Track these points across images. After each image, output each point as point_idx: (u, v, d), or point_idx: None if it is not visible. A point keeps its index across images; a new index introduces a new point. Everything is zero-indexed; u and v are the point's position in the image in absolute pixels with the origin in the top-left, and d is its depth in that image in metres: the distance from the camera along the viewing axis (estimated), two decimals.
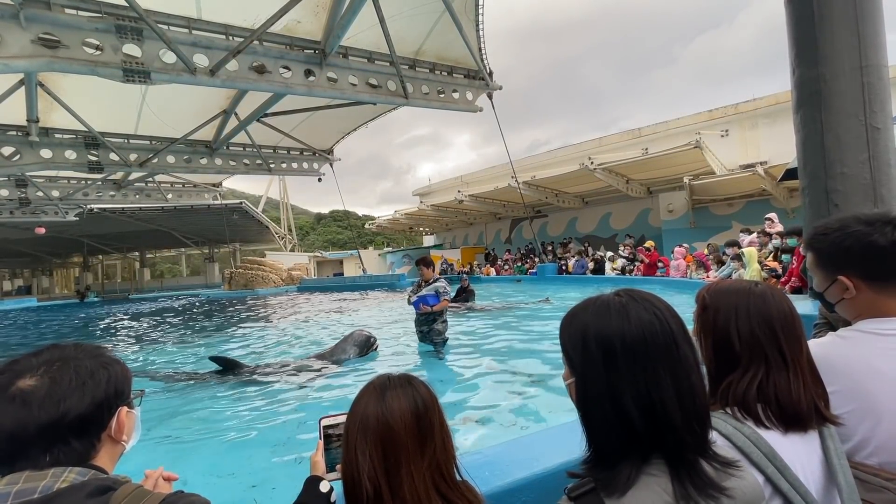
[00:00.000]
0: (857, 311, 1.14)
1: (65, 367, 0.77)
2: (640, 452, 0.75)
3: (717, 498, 0.71)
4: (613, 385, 0.76)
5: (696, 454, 0.75)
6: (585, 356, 0.79)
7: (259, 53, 6.27)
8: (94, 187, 13.67)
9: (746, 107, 16.85)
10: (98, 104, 8.39)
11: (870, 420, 1.02)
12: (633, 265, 13.65)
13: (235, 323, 11.51)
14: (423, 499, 0.84)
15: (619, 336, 0.76)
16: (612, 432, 0.76)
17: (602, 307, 0.81)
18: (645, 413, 0.74)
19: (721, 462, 0.77)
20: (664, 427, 0.73)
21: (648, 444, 0.74)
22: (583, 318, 0.82)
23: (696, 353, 0.79)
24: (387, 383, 0.94)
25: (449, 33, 7.36)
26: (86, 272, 36.92)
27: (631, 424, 0.74)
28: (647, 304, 0.79)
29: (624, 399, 0.74)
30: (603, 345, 0.77)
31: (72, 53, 5.15)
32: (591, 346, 0.78)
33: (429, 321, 5.58)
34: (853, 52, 1.75)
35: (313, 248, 52.96)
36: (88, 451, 0.77)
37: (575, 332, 0.82)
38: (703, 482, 0.72)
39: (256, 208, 28.00)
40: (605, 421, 0.77)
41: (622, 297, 0.82)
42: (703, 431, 0.77)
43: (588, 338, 0.79)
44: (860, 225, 1.10)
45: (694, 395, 0.76)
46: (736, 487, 0.74)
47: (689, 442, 0.74)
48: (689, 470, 0.73)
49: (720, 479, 0.74)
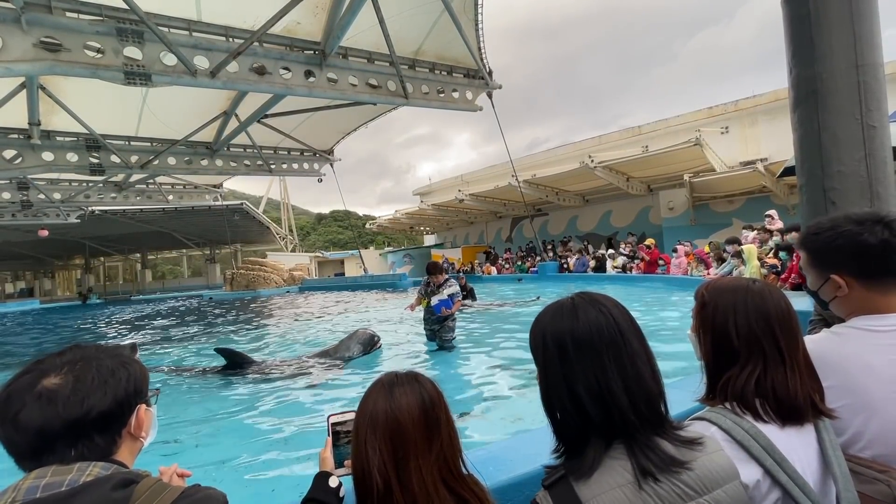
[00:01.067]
0: (850, 308, 1.16)
1: (87, 366, 0.80)
2: (602, 438, 0.82)
3: (676, 472, 0.77)
4: (568, 378, 0.84)
5: (650, 433, 0.82)
6: (545, 354, 0.89)
7: (259, 55, 6.29)
8: (96, 189, 13.71)
9: (746, 104, 16.83)
10: (99, 106, 8.41)
11: (863, 414, 1.05)
12: (633, 263, 13.66)
13: (239, 323, 11.55)
14: (431, 491, 0.87)
15: (570, 333, 0.86)
16: (572, 421, 0.84)
17: (557, 310, 0.91)
18: (595, 400, 0.82)
19: (683, 440, 0.83)
20: (613, 410, 0.81)
21: (606, 429, 0.82)
22: (542, 321, 0.92)
23: (645, 343, 0.88)
24: (395, 380, 0.97)
25: (448, 33, 7.38)
26: (88, 274, 36.98)
27: (586, 412, 0.82)
28: (595, 304, 0.89)
29: (577, 389, 0.83)
30: (557, 342, 0.86)
31: (73, 56, 5.17)
32: (548, 345, 0.88)
33: (440, 320, 5.79)
34: (849, 51, 1.77)
35: (314, 248, 53.00)
36: (110, 446, 0.80)
37: (536, 334, 0.92)
38: (660, 458, 0.78)
39: (257, 209, 28.04)
40: (565, 411, 0.85)
41: (574, 300, 0.91)
42: (652, 412, 0.84)
43: (546, 338, 0.89)
44: (851, 224, 1.12)
45: (640, 379, 0.84)
46: (697, 461, 0.80)
47: (636, 422, 0.81)
48: (644, 448, 0.79)
49: (681, 454, 0.80)
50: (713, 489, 0.80)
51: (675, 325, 6.56)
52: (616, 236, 18.06)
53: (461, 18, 7.12)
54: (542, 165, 20.94)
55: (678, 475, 0.77)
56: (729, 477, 0.83)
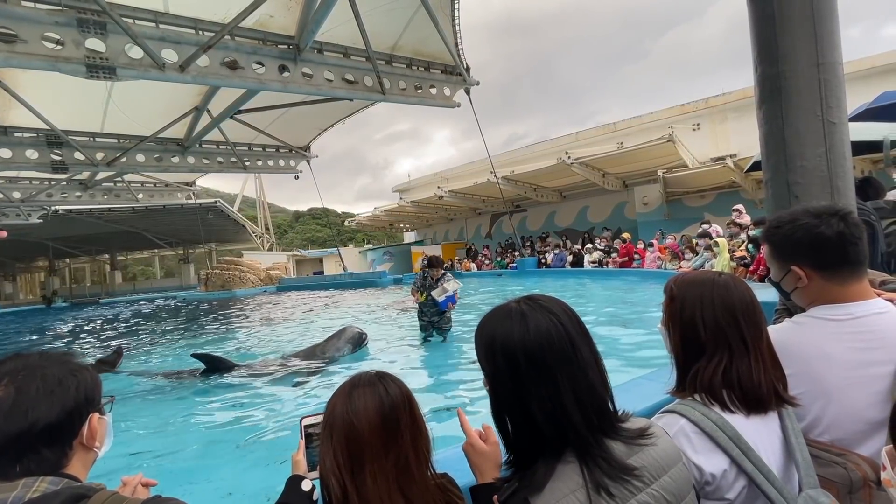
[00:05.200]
0: (810, 298, 1.19)
1: (31, 375, 0.76)
2: (554, 451, 0.80)
3: (626, 480, 0.76)
4: (519, 394, 0.81)
5: (601, 438, 0.80)
6: (494, 367, 0.85)
7: (231, 49, 6.10)
8: (59, 188, 13.09)
9: (716, 101, 17.31)
10: (60, 100, 8.02)
11: (821, 400, 1.08)
12: (609, 257, 13.94)
13: (215, 324, 11.27)
14: (384, 499, 0.84)
15: (521, 347, 0.81)
16: (525, 437, 0.82)
17: (504, 316, 0.86)
18: (548, 418, 0.79)
19: (631, 435, 0.82)
20: (567, 427, 0.78)
21: (559, 443, 0.79)
22: (489, 328, 0.87)
23: (594, 349, 0.86)
24: (356, 382, 0.94)
25: (425, 28, 7.31)
26: (52, 276, 35.37)
27: (538, 429, 0.79)
28: (545, 312, 0.84)
29: (531, 407, 0.80)
30: (508, 357, 0.82)
31: (30, 48, 4.91)
32: (498, 359, 0.83)
33: (439, 312, 6.14)
34: (810, 50, 1.83)
35: (292, 246, 52.12)
36: (60, 459, 0.76)
37: (484, 342, 0.87)
38: (612, 467, 0.77)
39: (232, 207, 27.33)
40: (517, 426, 0.83)
41: (522, 306, 0.86)
42: (603, 419, 0.82)
43: (496, 349, 0.84)
44: (809, 217, 1.15)
45: (591, 390, 0.81)
46: (645, 464, 0.80)
47: (588, 435, 0.79)
48: (596, 459, 0.77)
49: (630, 454, 0.80)
50: (660, 476, 0.81)
51: (649, 316, 6.72)
52: (593, 231, 18.35)
53: (438, 14, 7.07)
54: (521, 162, 21.08)
55: (627, 483, 0.77)
56: (673, 461, 0.84)
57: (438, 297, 5.85)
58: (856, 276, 1.14)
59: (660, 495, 0.79)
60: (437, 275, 6.05)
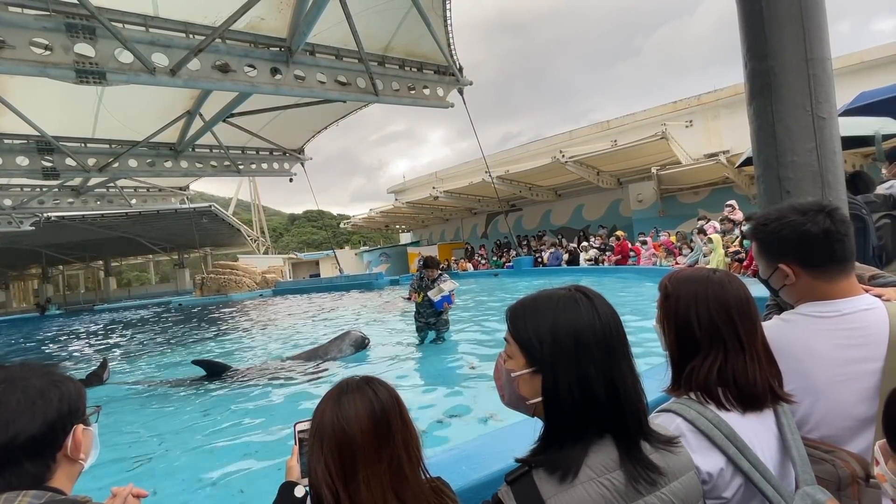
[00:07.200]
0: (798, 295, 1.19)
1: (11, 387, 0.74)
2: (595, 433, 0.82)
3: (651, 478, 0.80)
4: (583, 376, 0.81)
5: (637, 436, 0.83)
6: (555, 348, 0.83)
7: (222, 52, 6.07)
8: (51, 194, 12.97)
9: (709, 97, 17.40)
10: (50, 106, 7.95)
11: (810, 397, 1.08)
12: (605, 255, 13.97)
13: (212, 329, 11.21)
14: (379, 502, 0.83)
15: (591, 330, 0.83)
16: (577, 418, 0.82)
17: (569, 302, 0.86)
18: (610, 399, 0.81)
19: (660, 440, 0.85)
20: (621, 411, 0.82)
21: (604, 427, 0.82)
22: (548, 311, 0.86)
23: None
24: (344, 388, 0.93)
25: (418, 28, 7.30)
26: (46, 284, 35.07)
27: (596, 410, 0.81)
28: (604, 301, 0.88)
29: (595, 386, 0.80)
30: (577, 338, 0.82)
31: (18, 54, 4.86)
32: (564, 340, 0.83)
33: (436, 313, 6.13)
34: (799, 46, 1.84)
35: (288, 249, 51.93)
36: (43, 472, 0.74)
37: (545, 324, 0.85)
38: (643, 464, 0.80)
39: (227, 211, 27.22)
40: (574, 407, 0.81)
41: (582, 293, 0.88)
42: (641, 413, 0.85)
43: (559, 330, 0.83)
44: (795, 214, 1.15)
45: (636, 381, 0.85)
46: (668, 466, 0.82)
47: (633, 425, 0.83)
48: (633, 446, 0.81)
49: (662, 459, 0.83)
50: (672, 481, 0.82)
51: (645, 313, 6.74)
52: (588, 229, 18.40)
53: (430, 14, 7.06)
54: (516, 161, 21.11)
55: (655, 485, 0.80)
56: (685, 469, 0.85)
57: (434, 297, 5.86)
58: (843, 272, 1.14)
59: (668, 499, 0.80)
60: (434, 275, 6.07)
